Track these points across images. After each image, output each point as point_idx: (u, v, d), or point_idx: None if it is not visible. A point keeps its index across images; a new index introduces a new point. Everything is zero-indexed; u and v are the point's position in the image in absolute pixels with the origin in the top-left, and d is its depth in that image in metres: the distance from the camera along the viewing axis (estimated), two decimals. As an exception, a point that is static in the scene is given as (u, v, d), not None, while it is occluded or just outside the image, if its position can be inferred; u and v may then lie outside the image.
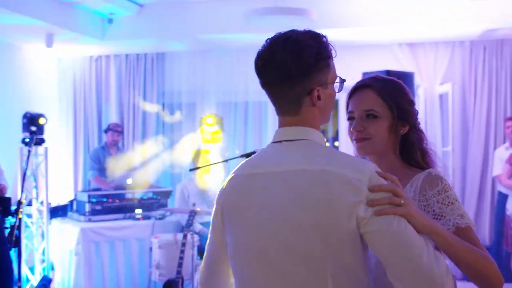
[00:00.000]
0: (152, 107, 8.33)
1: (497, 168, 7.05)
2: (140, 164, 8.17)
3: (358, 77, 6.96)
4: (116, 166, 7.44)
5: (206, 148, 7.39)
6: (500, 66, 7.58)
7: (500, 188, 7.08)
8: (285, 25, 6.89)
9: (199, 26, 7.41)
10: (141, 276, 6.70)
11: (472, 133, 7.61)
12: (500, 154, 7.07)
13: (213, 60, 8.20)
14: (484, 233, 7.58)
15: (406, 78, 6.74)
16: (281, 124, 1.93)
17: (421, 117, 7.41)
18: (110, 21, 7.57)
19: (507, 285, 7.21)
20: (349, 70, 7.71)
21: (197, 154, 7.18)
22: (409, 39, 7.63)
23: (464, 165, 7.67)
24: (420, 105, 7.59)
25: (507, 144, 7.14)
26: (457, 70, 7.70)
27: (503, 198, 6.97)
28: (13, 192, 6.34)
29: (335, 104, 8.25)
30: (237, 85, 8.16)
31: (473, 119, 7.61)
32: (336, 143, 8.51)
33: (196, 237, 6.17)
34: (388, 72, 6.53)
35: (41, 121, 6.74)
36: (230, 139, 8.23)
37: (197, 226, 6.84)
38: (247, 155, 5.03)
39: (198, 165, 6.69)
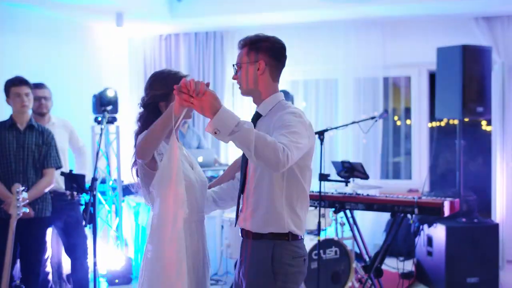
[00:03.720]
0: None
1: None
2: (211, 142, 8.18)
3: (432, 52, 6.81)
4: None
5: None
6: None
7: None
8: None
9: (269, 2, 7.32)
10: (213, 254, 6.72)
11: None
12: None
13: (283, 37, 8.01)
14: None
15: (483, 53, 6.53)
16: None
17: (498, 94, 7.18)
18: (179, -1, 7.58)
19: None
20: (423, 44, 7.60)
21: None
22: (486, 13, 7.33)
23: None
24: (497, 82, 7.31)
25: None
26: (537, 44, 7.38)
27: None
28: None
29: (408, 80, 8.11)
30: (307, 62, 8.05)
31: (556, 95, 7.29)
32: (408, 121, 8.31)
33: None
34: (464, 47, 6.33)
35: (109, 93, 6.76)
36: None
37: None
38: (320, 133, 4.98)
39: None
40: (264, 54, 2.95)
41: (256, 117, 2.98)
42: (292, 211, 2.86)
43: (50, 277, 5.30)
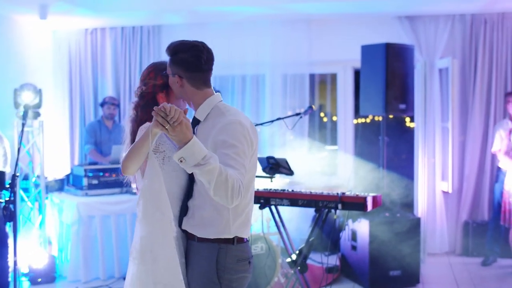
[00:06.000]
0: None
1: (497, 143, 7.04)
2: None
3: (357, 49, 6.92)
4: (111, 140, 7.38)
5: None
6: (501, 40, 7.49)
7: (501, 164, 7.06)
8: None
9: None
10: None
11: (472, 108, 7.54)
12: (500, 129, 7.04)
13: (210, 33, 8.06)
14: (483, 208, 7.56)
15: (406, 51, 6.68)
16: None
17: (421, 92, 7.37)
18: (106, -8, 7.44)
19: (506, 260, 7.23)
20: (348, 42, 7.72)
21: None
22: (409, 12, 7.52)
23: (464, 140, 7.62)
24: (419, 80, 7.50)
25: (507, 119, 7.11)
26: (458, 44, 7.61)
27: (503, 174, 6.96)
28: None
29: (334, 79, 8.23)
30: (234, 58, 8.04)
31: (473, 94, 7.54)
32: (334, 118, 8.43)
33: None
34: (387, 45, 6.47)
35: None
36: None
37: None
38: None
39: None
40: (179, 68, 2.90)
41: (195, 122, 2.94)
42: (237, 215, 2.86)
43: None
